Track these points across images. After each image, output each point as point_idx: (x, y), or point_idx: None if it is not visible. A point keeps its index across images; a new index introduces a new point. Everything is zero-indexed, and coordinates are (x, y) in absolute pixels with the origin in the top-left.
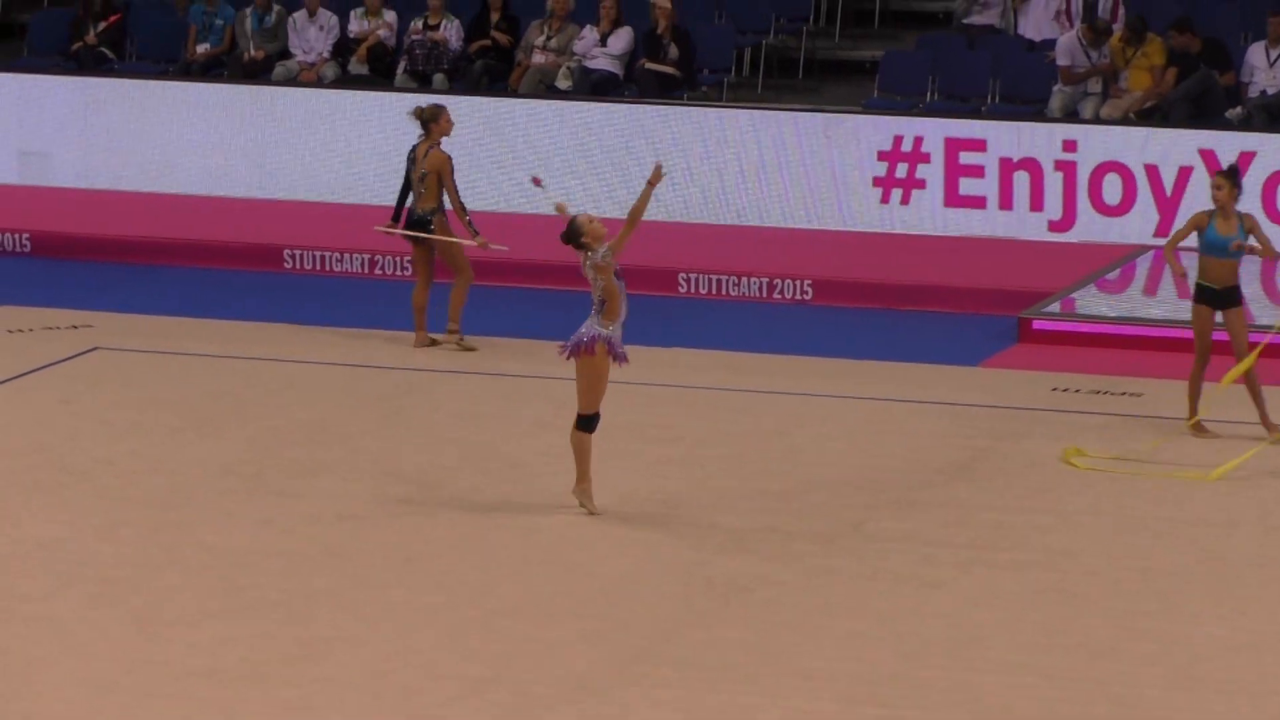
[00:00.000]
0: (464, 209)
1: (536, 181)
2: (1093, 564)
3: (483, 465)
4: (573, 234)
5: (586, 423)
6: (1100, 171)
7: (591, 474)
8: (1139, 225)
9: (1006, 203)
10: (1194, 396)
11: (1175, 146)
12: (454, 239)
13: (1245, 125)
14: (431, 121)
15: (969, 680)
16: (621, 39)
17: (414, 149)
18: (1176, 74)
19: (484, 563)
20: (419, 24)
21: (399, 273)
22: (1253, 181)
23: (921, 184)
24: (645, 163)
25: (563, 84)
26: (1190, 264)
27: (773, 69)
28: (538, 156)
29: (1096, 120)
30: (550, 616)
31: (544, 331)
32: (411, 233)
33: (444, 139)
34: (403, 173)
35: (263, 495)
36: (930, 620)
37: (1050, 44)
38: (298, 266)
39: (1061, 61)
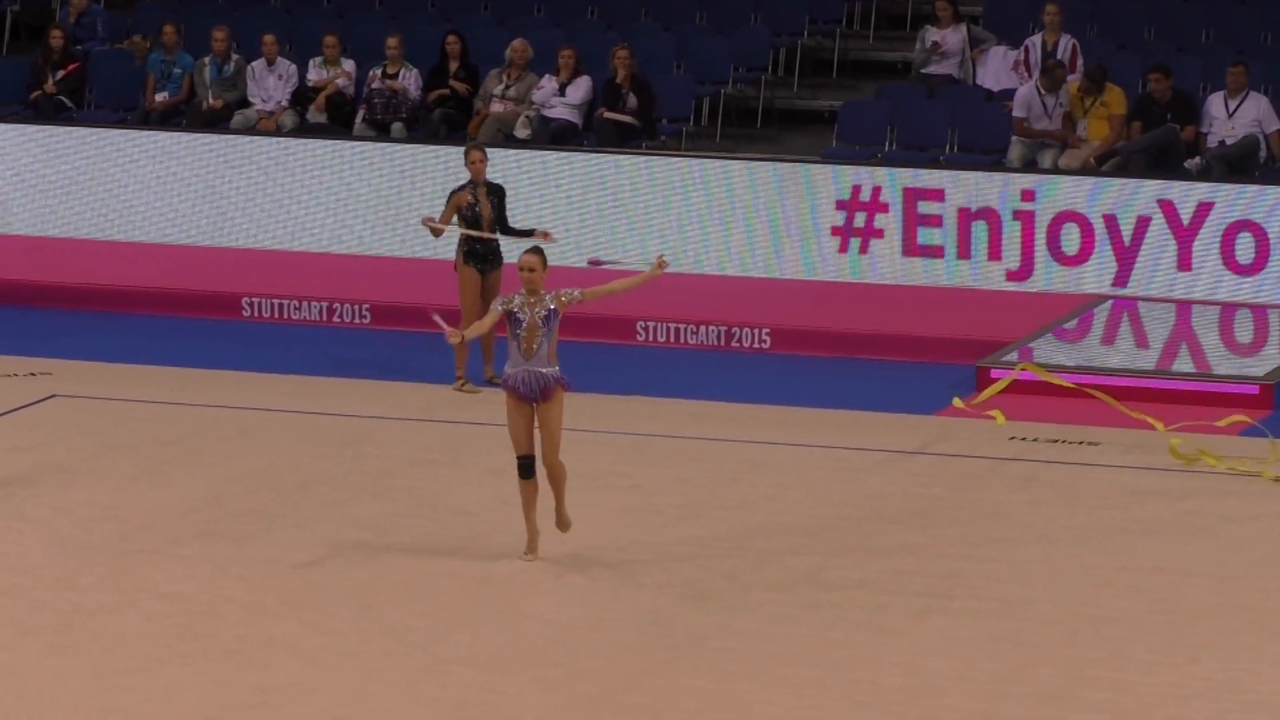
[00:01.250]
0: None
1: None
2: (1047, 613)
3: (436, 513)
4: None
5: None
6: (1058, 221)
7: (535, 522)
8: (1097, 275)
9: (964, 252)
10: None
11: (1133, 197)
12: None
13: (1204, 175)
14: (465, 159)
15: None
16: (580, 88)
17: None
18: (1141, 126)
19: (437, 611)
20: (378, 73)
21: (358, 320)
22: (1210, 232)
23: (880, 233)
24: (603, 211)
25: (521, 133)
26: None
27: (731, 118)
28: None
29: (1055, 170)
30: (505, 665)
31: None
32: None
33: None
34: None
35: (218, 542)
36: (886, 668)
37: (1008, 94)
38: (256, 314)
39: (1018, 113)
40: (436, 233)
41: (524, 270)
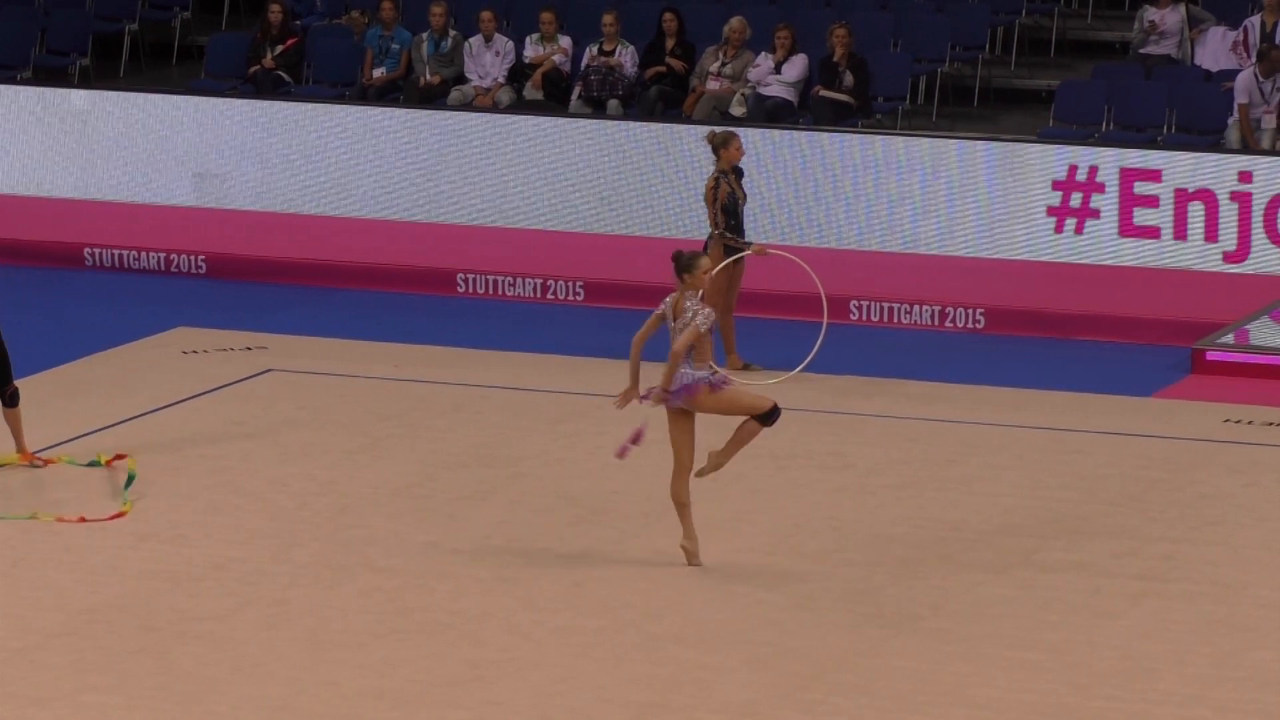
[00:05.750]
0: (721, 233)
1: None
2: (1265, 596)
3: (651, 491)
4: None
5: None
6: (1276, 203)
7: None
8: None
9: (1181, 233)
10: None
11: None
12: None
13: None
14: (721, 147)
15: (1140, 712)
16: (796, 66)
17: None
18: None
19: (650, 588)
20: (594, 50)
21: (571, 298)
22: None
23: (1095, 214)
24: (818, 190)
25: (737, 111)
26: None
27: (948, 97)
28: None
29: (1273, 151)
30: (717, 643)
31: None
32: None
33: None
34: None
35: (432, 518)
36: (1101, 651)
37: (1227, 74)
38: (470, 290)
39: (1240, 99)
40: (760, 251)
41: (703, 273)
